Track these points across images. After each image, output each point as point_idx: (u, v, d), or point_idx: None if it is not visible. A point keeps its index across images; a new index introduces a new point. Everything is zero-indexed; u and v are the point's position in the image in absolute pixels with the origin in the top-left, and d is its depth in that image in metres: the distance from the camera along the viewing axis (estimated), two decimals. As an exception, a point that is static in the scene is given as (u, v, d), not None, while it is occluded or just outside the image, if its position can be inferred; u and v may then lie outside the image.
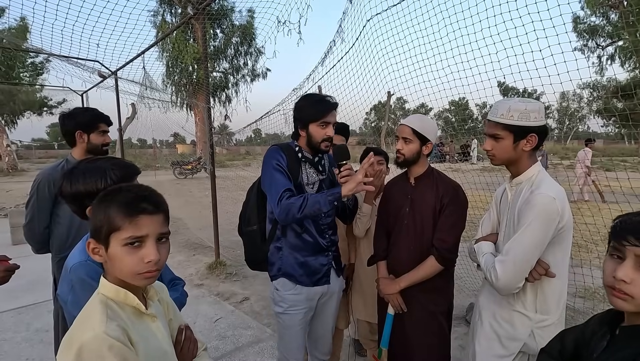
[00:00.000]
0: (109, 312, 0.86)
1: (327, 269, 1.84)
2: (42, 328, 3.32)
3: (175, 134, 21.88)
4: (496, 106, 1.43)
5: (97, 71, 6.81)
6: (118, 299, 0.91)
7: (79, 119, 2.12)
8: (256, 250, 1.89)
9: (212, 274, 4.65)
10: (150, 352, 0.91)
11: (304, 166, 1.79)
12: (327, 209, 1.65)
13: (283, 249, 1.79)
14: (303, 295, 1.78)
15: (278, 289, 1.80)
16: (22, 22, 14.92)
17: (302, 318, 1.81)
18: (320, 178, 1.83)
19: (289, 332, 1.81)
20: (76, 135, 2.12)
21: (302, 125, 1.76)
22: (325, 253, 1.83)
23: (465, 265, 3.51)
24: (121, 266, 0.89)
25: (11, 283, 1.70)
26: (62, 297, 1.14)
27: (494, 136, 1.43)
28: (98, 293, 0.92)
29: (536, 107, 1.38)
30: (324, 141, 1.74)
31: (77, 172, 1.21)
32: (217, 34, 20.97)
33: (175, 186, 13.86)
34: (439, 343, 1.80)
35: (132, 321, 0.90)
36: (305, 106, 1.77)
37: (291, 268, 1.78)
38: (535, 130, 1.38)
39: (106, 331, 0.82)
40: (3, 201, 10.86)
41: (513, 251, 1.34)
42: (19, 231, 6.20)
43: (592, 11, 18.27)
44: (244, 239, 1.96)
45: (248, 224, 1.91)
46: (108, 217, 0.89)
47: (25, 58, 18.96)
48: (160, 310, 1.03)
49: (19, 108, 21.50)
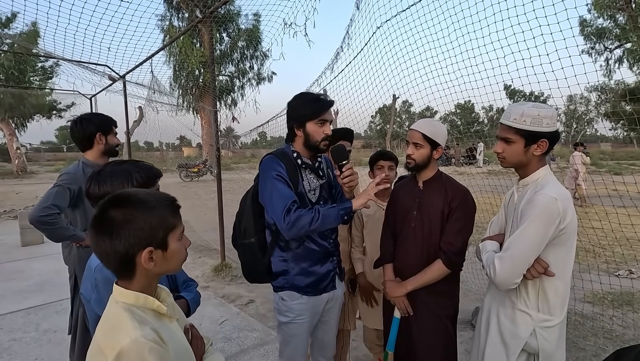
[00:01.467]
0: (136, 317, 0.87)
1: (333, 275, 1.81)
2: (50, 329, 3.36)
3: (181, 137, 22.07)
4: (509, 110, 1.45)
5: (107, 75, 6.92)
6: (139, 304, 0.92)
7: (98, 122, 2.25)
8: (256, 263, 1.78)
9: (218, 277, 4.67)
10: (177, 351, 0.94)
11: (304, 172, 1.72)
12: (338, 223, 1.60)
13: (289, 261, 1.72)
14: (310, 303, 1.74)
15: (284, 299, 1.74)
16: (33, 27, 15.18)
17: (308, 326, 1.78)
18: (320, 183, 1.78)
19: (295, 340, 1.77)
20: (96, 137, 2.22)
21: (298, 124, 1.69)
22: (330, 258, 1.80)
23: (471, 269, 3.49)
24: (178, 259, 0.97)
25: (21, 283, 1.73)
26: (85, 295, 1.17)
27: (506, 139, 1.45)
28: (117, 302, 0.92)
29: (549, 114, 1.39)
30: (323, 140, 1.68)
31: (104, 174, 1.26)
32: (224, 37, 21.16)
33: (182, 188, 13.95)
34: (445, 346, 1.79)
35: (157, 324, 0.92)
36: (300, 104, 1.70)
37: (298, 280, 1.72)
38: (547, 135, 1.41)
39: (143, 335, 0.83)
40: (13, 203, 11.01)
41: (512, 248, 1.38)
42: (28, 232, 6.30)
43: (600, 14, 18.14)
44: (240, 252, 1.84)
45: (244, 236, 1.78)
46: (163, 218, 0.92)
47: (35, 62, 19.28)
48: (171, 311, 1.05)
49: (28, 111, 21.82)
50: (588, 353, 2.78)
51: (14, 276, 4.73)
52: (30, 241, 6.36)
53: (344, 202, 1.63)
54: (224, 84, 21.55)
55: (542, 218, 1.33)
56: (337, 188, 1.87)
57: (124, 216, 0.88)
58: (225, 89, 21.67)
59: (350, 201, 1.60)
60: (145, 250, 0.89)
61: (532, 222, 1.35)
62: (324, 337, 1.91)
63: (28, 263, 5.37)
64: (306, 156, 1.74)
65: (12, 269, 5.03)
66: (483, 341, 1.59)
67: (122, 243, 0.88)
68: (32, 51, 9.87)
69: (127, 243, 0.88)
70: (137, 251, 0.89)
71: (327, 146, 1.73)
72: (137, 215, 0.89)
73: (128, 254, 0.89)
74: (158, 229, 0.91)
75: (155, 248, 0.91)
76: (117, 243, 0.87)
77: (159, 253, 0.92)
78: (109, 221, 0.88)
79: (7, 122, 20.90)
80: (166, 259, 0.94)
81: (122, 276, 0.94)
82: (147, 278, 0.94)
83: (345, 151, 1.72)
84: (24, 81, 18.77)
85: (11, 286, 4.37)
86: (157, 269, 0.93)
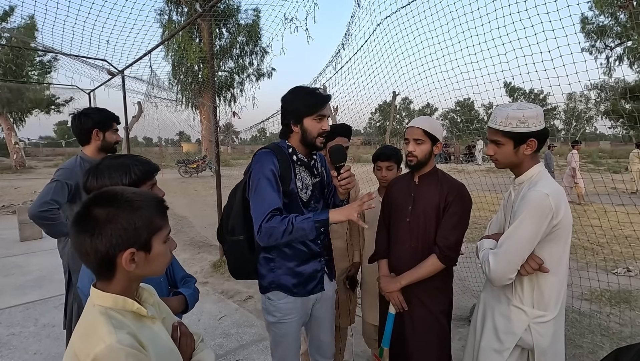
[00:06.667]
0: (113, 322, 0.84)
1: (320, 275, 1.75)
2: (49, 323, 3.37)
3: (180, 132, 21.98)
4: (495, 113, 1.48)
5: (105, 69, 6.88)
6: (117, 307, 0.89)
7: (96, 118, 2.21)
8: (244, 261, 1.73)
9: (217, 273, 4.68)
10: (160, 353, 0.91)
11: (298, 169, 1.67)
12: (313, 236, 1.54)
13: (275, 260, 1.68)
14: (298, 303, 1.70)
15: (271, 298, 1.70)
16: (31, 21, 15.08)
17: (297, 326, 1.74)
18: (313, 182, 1.72)
19: (285, 340, 1.73)
20: (93, 133, 2.19)
21: (295, 120, 1.62)
22: (318, 258, 1.74)
23: (469, 266, 3.50)
24: (162, 262, 0.94)
25: (20, 279, 1.73)
26: (82, 290, 1.16)
27: (495, 141, 1.49)
28: (94, 305, 0.88)
29: (533, 114, 1.41)
30: (320, 136, 1.63)
31: (102, 168, 1.25)
32: (223, 33, 21.05)
33: (181, 184, 13.95)
34: (440, 342, 1.80)
35: (136, 326, 0.89)
36: (297, 99, 1.63)
37: (285, 280, 1.67)
38: (535, 134, 1.43)
39: (119, 340, 0.80)
40: (11, 198, 11.00)
41: (505, 244, 1.41)
42: (27, 227, 6.29)
43: (601, 11, 18.08)
44: (227, 248, 1.77)
45: (232, 233, 1.71)
46: (148, 219, 0.89)
47: (33, 56, 19.16)
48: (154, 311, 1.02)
49: (27, 106, 21.72)
50: (585, 350, 2.79)
51: (12, 271, 4.73)
52: (29, 236, 6.35)
53: (321, 213, 1.54)
54: (224, 80, 21.47)
55: (534, 214, 1.36)
56: (329, 187, 1.83)
57: (107, 215, 0.85)
58: (225, 85, 21.59)
59: (327, 213, 1.51)
60: (127, 251, 0.86)
61: (524, 218, 1.37)
62: (319, 335, 1.87)
63: (27, 258, 5.37)
64: (302, 153, 1.68)
65: (11, 265, 5.03)
66: (478, 336, 1.61)
67: (103, 242, 0.84)
68: (30, 45, 9.81)
69: (109, 242, 0.84)
70: (119, 252, 0.86)
71: (324, 143, 1.67)
72: (121, 214, 0.86)
73: (109, 255, 0.85)
74: (142, 230, 0.87)
75: (137, 250, 0.87)
76: (98, 242, 0.84)
77: (141, 254, 0.89)
78: (91, 219, 0.85)
79: (5, 117, 20.81)
80: (149, 262, 0.91)
81: (101, 277, 0.90)
82: (127, 280, 0.91)
83: (344, 152, 1.68)
84: (21, 75, 18.67)
85: (10, 281, 4.37)
86: (139, 271, 0.90)
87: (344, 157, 1.68)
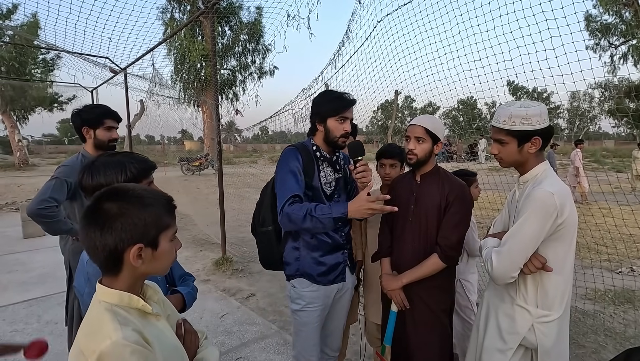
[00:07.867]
0: (119, 318, 0.85)
1: (343, 267, 1.86)
2: (52, 320, 3.38)
3: (183, 130, 22.00)
4: (498, 112, 1.47)
5: (108, 67, 6.89)
6: (122, 303, 0.89)
7: (85, 116, 2.17)
8: (272, 250, 1.88)
9: (219, 271, 4.69)
10: (165, 350, 0.91)
11: (322, 165, 1.80)
12: (331, 228, 1.65)
13: (300, 249, 1.80)
14: (321, 292, 1.80)
15: (295, 286, 1.81)
16: (34, 19, 15.11)
17: (319, 315, 1.82)
18: (336, 177, 1.85)
19: (306, 329, 1.81)
20: (83, 131, 2.17)
21: (320, 120, 1.77)
22: (341, 250, 1.85)
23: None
24: (167, 260, 0.95)
25: (23, 275, 1.74)
26: (78, 289, 1.16)
27: (499, 140, 1.48)
28: (99, 301, 0.89)
29: (537, 112, 1.40)
30: (342, 137, 1.75)
31: (98, 165, 1.24)
32: (225, 31, 21.03)
33: (183, 182, 13.98)
34: (441, 340, 1.80)
35: (142, 323, 0.89)
36: (324, 101, 1.79)
37: (309, 268, 1.78)
38: (539, 133, 1.42)
39: (124, 337, 0.80)
40: (15, 196, 11.05)
41: (508, 242, 1.40)
42: (30, 224, 6.32)
43: (605, 9, 17.94)
44: (258, 239, 1.94)
45: (262, 224, 1.89)
46: (157, 216, 0.90)
47: (36, 54, 19.21)
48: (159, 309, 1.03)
49: (30, 104, 21.79)
50: (588, 350, 2.78)
51: (16, 268, 4.76)
52: (32, 234, 6.38)
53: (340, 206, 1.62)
54: (226, 78, 21.47)
55: (538, 213, 1.34)
56: (352, 184, 1.92)
57: (119, 210, 0.86)
58: (227, 83, 21.59)
59: (346, 207, 1.59)
60: (135, 246, 0.87)
61: (528, 217, 1.36)
62: (329, 327, 1.94)
63: (30, 255, 5.40)
64: (325, 150, 1.82)
65: (14, 261, 5.06)
66: (482, 335, 1.60)
67: (113, 236, 0.85)
68: (33, 43, 9.83)
69: (118, 237, 0.85)
70: (127, 247, 0.86)
71: (345, 143, 1.78)
72: (131, 210, 0.87)
73: (117, 249, 0.86)
74: (151, 226, 0.88)
75: (145, 246, 0.88)
76: (108, 236, 0.85)
77: (148, 251, 0.89)
78: (102, 213, 0.86)
79: (8, 115, 20.88)
80: (155, 259, 0.91)
81: (107, 272, 0.91)
82: (133, 277, 0.91)
83: (361, 147, 1.75)
84: (25, 73, 18.71)
85: (13, 278, 4.41)
86: (144, 268, 0.91)
87: (362, 152, 1.74)
